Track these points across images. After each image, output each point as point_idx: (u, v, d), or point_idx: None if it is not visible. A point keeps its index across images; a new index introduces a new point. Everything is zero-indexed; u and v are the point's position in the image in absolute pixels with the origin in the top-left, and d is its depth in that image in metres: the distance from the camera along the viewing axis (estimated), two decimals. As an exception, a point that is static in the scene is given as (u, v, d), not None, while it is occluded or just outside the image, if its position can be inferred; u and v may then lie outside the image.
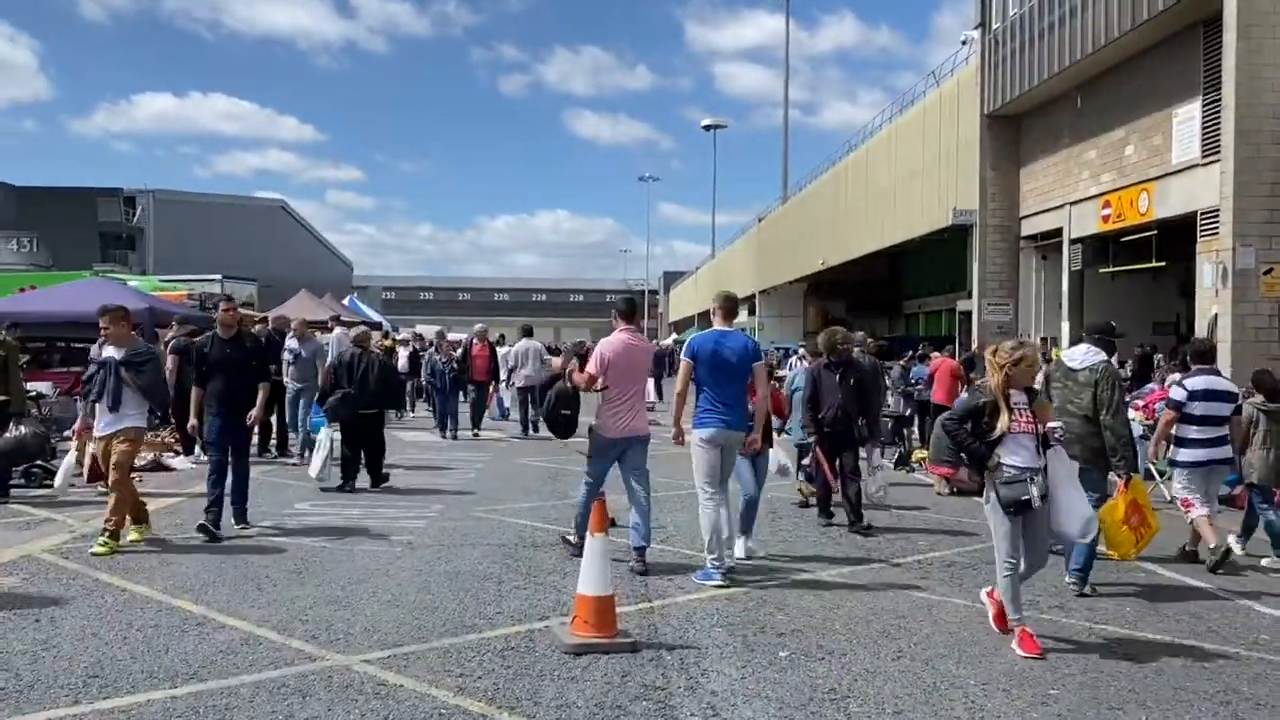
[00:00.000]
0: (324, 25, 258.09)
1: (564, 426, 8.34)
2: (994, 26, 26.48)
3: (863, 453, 10.20)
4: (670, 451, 9.03)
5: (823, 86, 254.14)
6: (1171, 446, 8.68)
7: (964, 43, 28.63)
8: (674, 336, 49.22)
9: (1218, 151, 17.93)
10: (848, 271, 42.70)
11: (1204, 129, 18.68)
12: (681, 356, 7.75)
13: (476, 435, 18.31)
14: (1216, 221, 17.52)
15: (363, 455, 11.56)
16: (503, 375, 20.31)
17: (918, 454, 14.72)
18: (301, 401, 14.02)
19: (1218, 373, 8.82)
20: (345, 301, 36.05)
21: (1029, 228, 26.63)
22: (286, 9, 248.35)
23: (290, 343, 14.34)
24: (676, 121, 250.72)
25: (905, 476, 13.84)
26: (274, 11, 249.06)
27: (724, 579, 7.10)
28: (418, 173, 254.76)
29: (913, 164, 31.93)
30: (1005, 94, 25.81)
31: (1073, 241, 24.14)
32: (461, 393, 19.79)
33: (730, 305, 7.69)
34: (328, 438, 11.30)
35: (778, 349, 33.97)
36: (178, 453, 13.45)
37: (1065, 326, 24.16)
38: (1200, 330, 19.21)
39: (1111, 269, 23.60)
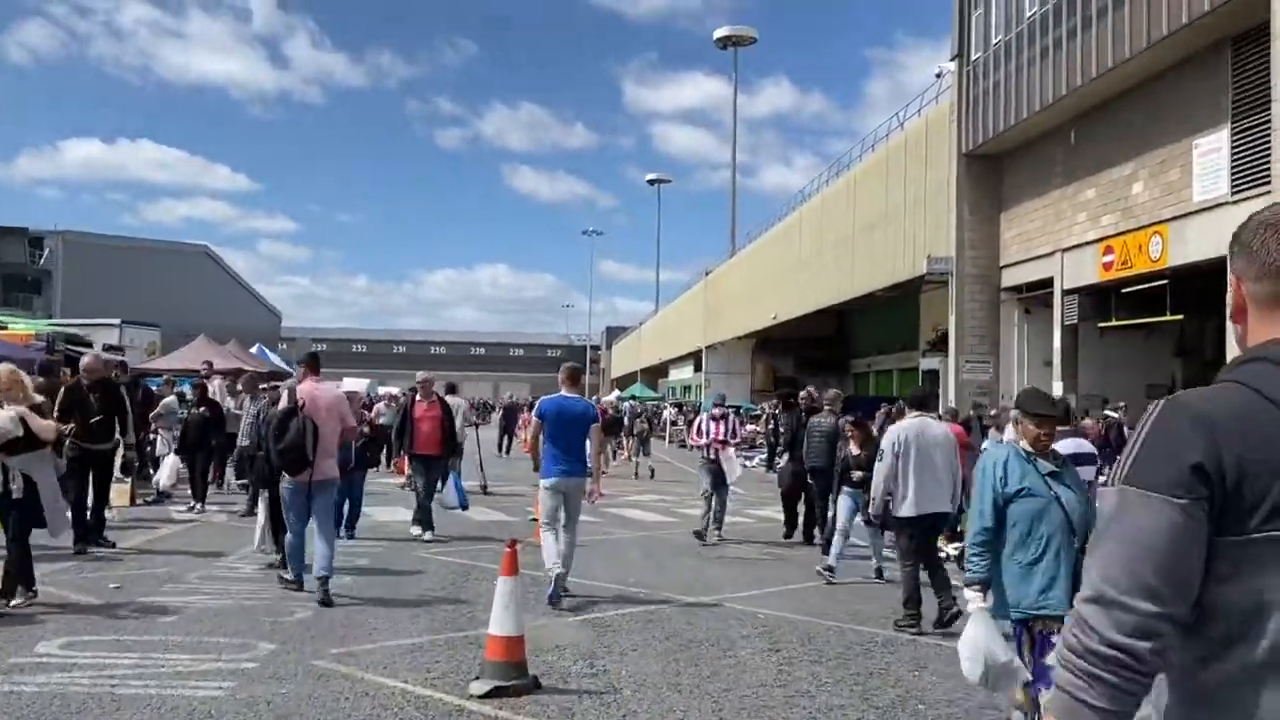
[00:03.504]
0: (257, 75, 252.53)
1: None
2: (973, 57, 24.04)
3: None
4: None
5: (761, 149, 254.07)
6: None
7: (939, 76, 26.22)
8: (616, 393, 46.01)
9: (1255, 184, 15.44)
10: (795, 328, 40.87)
11: (1234, 160, 16.16)
12: (532, 415, 9.14)
13: (426, 536, 12.26)
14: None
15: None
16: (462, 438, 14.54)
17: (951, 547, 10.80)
18: None
19: (1082, 435, 8.36)
20: (254, 350, 32.69)
21: (1011, 278, 24.03)
22: (218, 58, 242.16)
23: None
24: (616, 180, 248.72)
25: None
26: (205, 60, 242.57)
27: (553, 600, 8.26)
28: (354, 224, 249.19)
29: (874, 213, 29.36)
30: (985, 131, 23.35)
31: (1066, 293, 21.52)
32: (374, 469, 14.58)
33: (572, 374, 9.30)
34: (265, 504, 9.92)
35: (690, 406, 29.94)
36: None
37: (1057, 388, 21.41)
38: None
39: (1113, 323, 20.91)
